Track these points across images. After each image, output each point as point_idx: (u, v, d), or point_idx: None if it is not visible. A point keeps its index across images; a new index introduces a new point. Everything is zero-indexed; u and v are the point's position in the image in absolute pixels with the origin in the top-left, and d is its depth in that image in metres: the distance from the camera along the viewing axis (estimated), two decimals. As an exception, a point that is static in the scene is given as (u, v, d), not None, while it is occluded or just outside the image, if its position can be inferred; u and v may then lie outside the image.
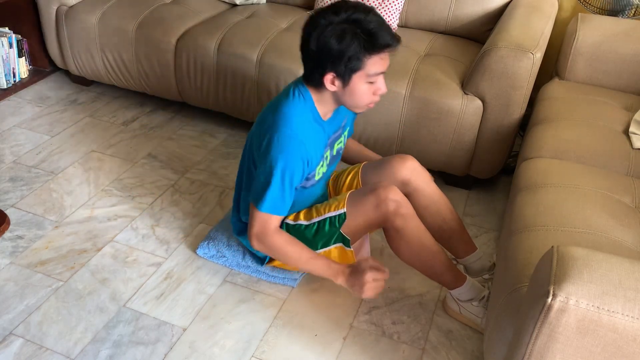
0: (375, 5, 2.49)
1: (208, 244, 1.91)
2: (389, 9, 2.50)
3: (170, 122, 2.69)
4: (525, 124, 2.23)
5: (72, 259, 1.89)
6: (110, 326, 1.67)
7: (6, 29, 2.83)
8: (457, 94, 2.10)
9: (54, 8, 2.71)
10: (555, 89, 2.19)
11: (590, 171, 1.69)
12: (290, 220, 1.71)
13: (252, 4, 2.79)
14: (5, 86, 2.85)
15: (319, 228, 1.66)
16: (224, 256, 1.89)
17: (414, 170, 1.75)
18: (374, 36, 1.42)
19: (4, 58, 2.80)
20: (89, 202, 2.15)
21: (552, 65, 2.47)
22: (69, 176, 2.29)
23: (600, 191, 1.60)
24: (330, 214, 1.64)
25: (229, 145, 2.54)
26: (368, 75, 1.47)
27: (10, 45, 2.81)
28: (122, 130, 2.62)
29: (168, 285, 1.81)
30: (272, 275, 1.83)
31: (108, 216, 2.09)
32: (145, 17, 2.57)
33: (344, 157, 1.95)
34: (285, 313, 1.74)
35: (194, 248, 1.95)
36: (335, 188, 1.88)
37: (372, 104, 1.56)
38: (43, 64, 3.01)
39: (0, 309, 1.70)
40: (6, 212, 2.02)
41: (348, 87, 1.49)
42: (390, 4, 2.50)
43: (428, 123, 2.15)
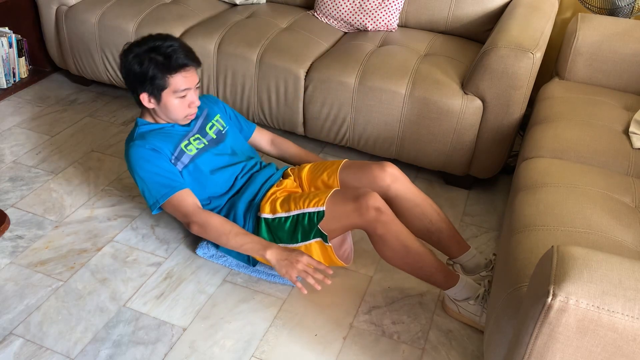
0: (375, 5, 2.49)
1: (208, 243, 1.92)
2: (389, 9, 2.50)
3: (170, 122, 2.69)
4: (525, 124, 2.23)
5: (72, 258, 1.89)
6: (110, 326, 1.67)
7: (6, 29, 2.83)
8: (457, 93, 2.11)
9: (54, 8, 2.71)
10: (555, 88, 2.19)
11: (590, 171, 1.69)
12: (268, 214, 1.74)
13: (252, 3, 2.78)
14: (5, 86, 2.85)
15: (298, 221, 1.69)
16: (224, 256, 1.89)
17: (394, 178, 1.78)
18: (169, 58, 1.69)
19: (4, 58, 2.80)
20: (88, 202, 2.15)
21: (552, 65, 2.47)
22: (69, 176, 2.29)
23: (600, 191, 1.60)
24: (309, 210, 1.67)
25: (229, 145, 2.54)
26: (175, 91, 1.73)
27: (10, 45, 2.81)
28: (122, 130, 2.62)
29: (168, 285, 1.81)
30: (272, 275, 1.83)
31: (108, 216, 2.09)
32: (145, 17, 2.57)
33: (285, 160, 2.08)
34: (285, 313, 1.74)
35: (194, 248, 1.95)
36: (311, 179, 1.88)
37: (191, 115, 1.82)
38: (43, 64, 3.01)
39: (0, 309, 1.70)
40: (6, 212, 2.02)
41: (162, 103, 1.76)
42: (390, 4, 2.50)
43: (428, 123, 2.16)
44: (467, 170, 2.27)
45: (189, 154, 1.80)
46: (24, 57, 2.91)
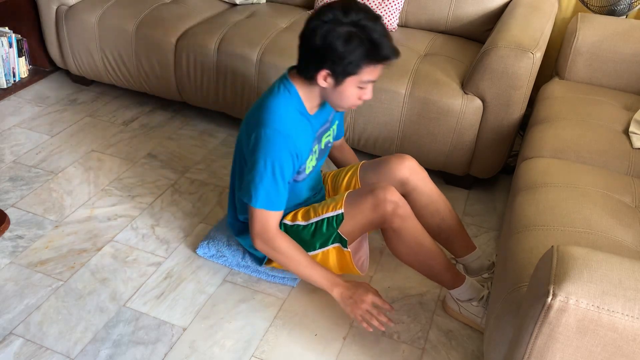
0: (375, 5, 2.49)
1: (208, 243, 1.92)
2: (389, 8, 2.50)
3: (170, 122, 2.69)
4: (525, 124, 2.23)
5: (72, 258, 1.89)
6: (110, 326, 1.67)
7: (6, 29, 2.83)
8: (457, 93, 2.10)
9: (54, 8, 2.71)
10: (555, 88, 2.19)
11: (590, 171, 1.69)
12: (287, 221, 1.72)
13: (252, 3, 2.78)
14: (5, 86, 2.84)
15: (317, 228, 1.66)
16: (224, 256, 1.89)
17: (412, 170, 1.75)
18: (378, 47, 1.44)
19: (4, 58, 2.80)
20: (89, 202, 2.15)
21: (552, 65, 2.47)
22: (69, 176, 2.29)
23: (600, 191, 1.60)
24: (328, 215, 1.65)
25: (228, 145, 2.54)
26: (361, 81, 1.51)
27: (10, 45, 2.81)
28: (122, 130, 2.62)
29: (168, 284, 1.81)
30: (272, 275, 1.83)
31: (108, 216, 2.09)
32: (145, 17, 2.57)
33: (337, 160, 1.98)
34: (285, 313, 1.74)
35: (194, 248, 1.95)
36: (334, 187, 1.88)
37: (355, 106, 1.60)
38: (43, 64, 3.01)
39: (0, 309, 1.70)
40: (6, 212, 2.02)
41: (339, 88, 1.52)
42: (390, 3, 2.50)
43: (428, 123, 2.16)
44: (467, 170, 2.27)
45: (306, 173, 1.67)
46: (24, 57, 2.91)
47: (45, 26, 2.78)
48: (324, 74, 1.49)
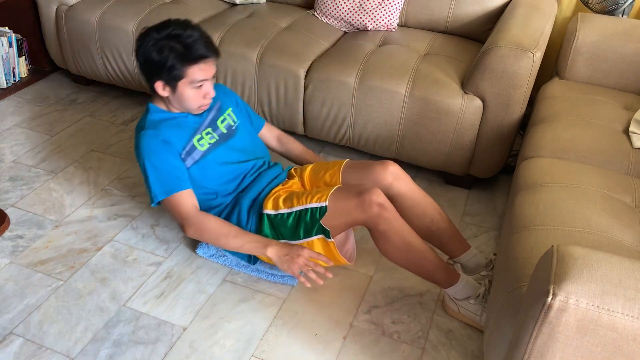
0: (375, 4, 2.49)
1: (208, 243, 1.91)
2: (389, 8, 2.50)
3: (170, 122, 2.69)
4: (525, 124, 2.23)
5: (72, 258, 1.89)
6: (110, 325, 1.67)
7: (6, 29, 2.83)
8: (457, 93, 2.10)
9: (54, 8, 2.71)
10: (555, 88, 2.19)
11: (590, 170, 1.69)
12: (270, 210, 1.74)
13: (252, 3, 2.78)
14: (5, 85, 2.85)
15: (300, 217, 1.69)
16: (224, 255, 1.89)
17: (395, 176, 1.78)
18: (190, 49, 1.64)
19: (4, 57, 2.80)
20: (88, 202, 2.15)
21: (552, 65, 2.47)
22: (68, 176, 2.29)
23: (600, 190, 1.60)
24: (312, 205, 1.67)
25: (228, 145, 2.53)
26: (192, 82, 1.68)
27: (10, 45, 2.81)
28: (122, 129, 2.62)
29: (168, 284, 1.81)
30: (272, 274, 1.83)
31: (108, 215, 2.09)
32: (145, 17, 2.57)
33: (283, 154, 2.08)
34: (286, 312, 1.74)
35: (194, 247, 1.95)
36: (314, 181, 1.89)
37: (205, 106, 1.77)
38: (43, 64, 3.01)
39: (0, 309, 1.70)
40: (6, 212, 2.02)
41: (177, 93, 1.71)
42: (390, 3, 2.50)
43: (428, 122, 2.15)
44: (467, 170, 2.27)
45: (200, 150, 1.77)
46: (24, 57, 2.91)
47: (45, 26, 2.78)
48: (159, 85, 1.70)
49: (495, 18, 2.46)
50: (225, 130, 1.86)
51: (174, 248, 1.96)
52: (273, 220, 1.74)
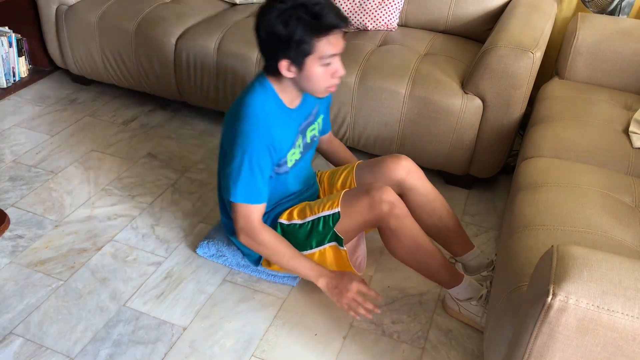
0: (375, 4, 2.49)
1: (208, 243, 1.92)
2: (389, 8, 2.50)
3: (170, 122, 2.69)
4: (525, 123, 2.23)
5: (72, 258, 1.89)
6: (110, 325, 1.67)
7: (6, 28, 2.83)
8: (457, 93, 2.10)
9: (54, 7, 2.71)
10: (555, 88, 2.19)
11: (590, 170, 1.69)
12: (284, 220, 1.72)
13: (252, 3, 2.78)
14: (5, 85, 2.84)
15: (313, 227, 1.66)
16: (224, 255, 1.89)
17: (408, 170, 1.76)
18: (319, 18, 1.43)
19: (4, 57, 2.80)
20: (88, 202, 2.15)
21: (552, 65, 2.47)
22: (68, 175, 2.29)
23: (600, 190, 1.60)
24: (324, 213, 1.65)
25: (228, 145, 2.53)
26: (321, 58, 1.48)
27: (10, 45, 2.81)
28: (122, 129, 2.62)
29: (168, 284, 1.81)
30: (272, 275, 1.83)
31: (108, 215, 2.09)
32: (145, 17, 2.57)
33: (329, 157, 1.98)
34: (285, 312, 1.74)
35: (194, 247, 1.95)
36: (330, 186, 1.88)
37: (333, 87, 1.57)
38: (43, 63, 3.01)
39: (0, 308, 1.70)
40: (6, 212, 2.02)
41: (304, 72, 1.50)
42: (390, 3, 2.50)
43: (428, 122, 2.15)
44: (467, 170, 2.27)
45: (288, 166, 1.66)
46: (24, 57, 2.91)
47: (45, 26, 2.78)
48: (284, 65, 1.49)
49: (495, 18, 2.46)
50: (309, 141, 1.74)
51: (174, 248, 1.96)
52: (285, 229, 1.71)
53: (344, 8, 2.53)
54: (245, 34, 2.41)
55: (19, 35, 2.85)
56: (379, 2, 2.50)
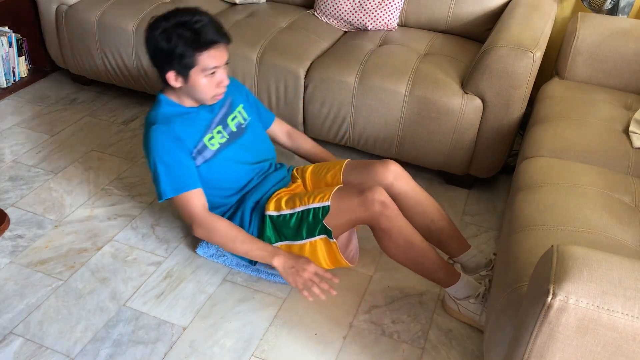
0: (375, 4, 2.49)
1: (208, 243, 1.92)
2: (389, 8, 2.50)
3: (170, 122, 2.69)
4: (525, 123, 2.23)
5: (72, 258, 1.89)
6: (110, 325, 1.67)
7: (6, 28, 2.83)
8: (457, 93, 2.10)
9: (54, 7, 2.71)
10: (555, 88, 2.19)
11: (590, 170, 1.69)
12: (272, 212, 1.74)
13: (252, 3, 2.78)
14: (5, 85, 2.85)
15: (303, 217, 1.69)
16: (224, 255, 1.89)
17: (396, 175, 1.78)
18: (199, 34, 1.59)
19: (4, 57, 2.80)
20: (88, 202, 2.15)
21: (552, 65, 2.47)
22: (68, 175, 2.29)
23: (600, 190, 1.60)
24: (314, 205, 1.67)
25: (228, 145, 2.54)
26: (204, 70, 1.63)
27: (10, 45, 2.81)
28: (122, 129, 2.62)
29: (168, 284, 1.81)
30: (272, 274, 1.83)
31: (108, 215, 2.09)
32: (144, 16, 2.57)
33: (294, 151, 2.06)
34: (285, 312, 1.74)
35: (194, 247, 1.95)
36: (316, 181, 1.89)
37: (219, 95, 1.72)
38: (43, 63, 3.01)
39: (0, 308, 1.70)
40: (6, 212, 2.02)
41: (189, 83, 1.66)
42: (390, 3, 2.50)
43: (428, 122, 2.15)
44: (467, 170, 2.27)
45: (212, 149, 1.74)
46: (23, 57, 2.91)
47: (45, 26, 2.78)
48: (171, 76, 1.65)
49: (495, 18, 2.46)
50: (235, 129, 1.83)
51: (174, 248, 1.96)
52: (275, 222, 1.73)
53: (344, 7, 2.54)
54: (244, 34, 2.41)
55: (19, 35, 2.85)
56: (379, 2, 2.50)
